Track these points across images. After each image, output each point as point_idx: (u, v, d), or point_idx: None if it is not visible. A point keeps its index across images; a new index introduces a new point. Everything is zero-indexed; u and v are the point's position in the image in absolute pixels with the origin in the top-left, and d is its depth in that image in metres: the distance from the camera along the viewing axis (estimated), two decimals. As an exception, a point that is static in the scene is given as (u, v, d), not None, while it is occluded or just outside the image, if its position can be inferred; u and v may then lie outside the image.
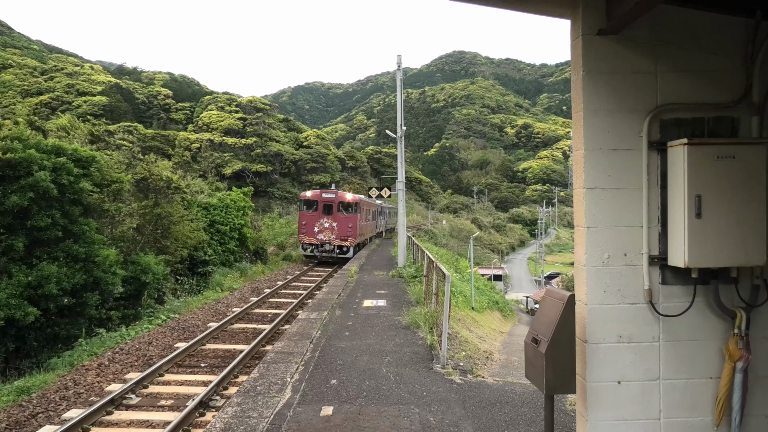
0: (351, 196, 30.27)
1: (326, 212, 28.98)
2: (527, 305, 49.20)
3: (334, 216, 28.92)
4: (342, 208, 29.23)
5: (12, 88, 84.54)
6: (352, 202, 29.59)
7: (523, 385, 7.49)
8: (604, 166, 3.68)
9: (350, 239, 28.92)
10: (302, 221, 29.34)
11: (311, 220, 28.83)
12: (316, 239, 28.77)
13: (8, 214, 14.62)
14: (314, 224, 28.67)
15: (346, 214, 29.17)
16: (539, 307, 4.23)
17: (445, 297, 8.77)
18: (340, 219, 28.88)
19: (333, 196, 29.52)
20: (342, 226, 28.70)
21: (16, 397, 9.42)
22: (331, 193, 30.06)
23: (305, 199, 30.00)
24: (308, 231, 28.91)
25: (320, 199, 29.22)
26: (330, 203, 29.07)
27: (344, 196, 30.07)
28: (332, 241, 28.85)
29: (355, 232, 29.12)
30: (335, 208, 29.03)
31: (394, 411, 6.13)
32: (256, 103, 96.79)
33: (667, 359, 3.68)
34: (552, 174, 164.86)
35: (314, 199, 29.39)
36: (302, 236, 29.33)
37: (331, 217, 28.79)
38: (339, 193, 30.44)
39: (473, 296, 25.31)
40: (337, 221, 28.74)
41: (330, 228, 28.65)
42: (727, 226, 3.49)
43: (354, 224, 28.99)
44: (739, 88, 3.68)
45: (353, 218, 29.25)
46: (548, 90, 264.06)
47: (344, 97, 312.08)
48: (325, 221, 28.65)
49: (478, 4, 3.93)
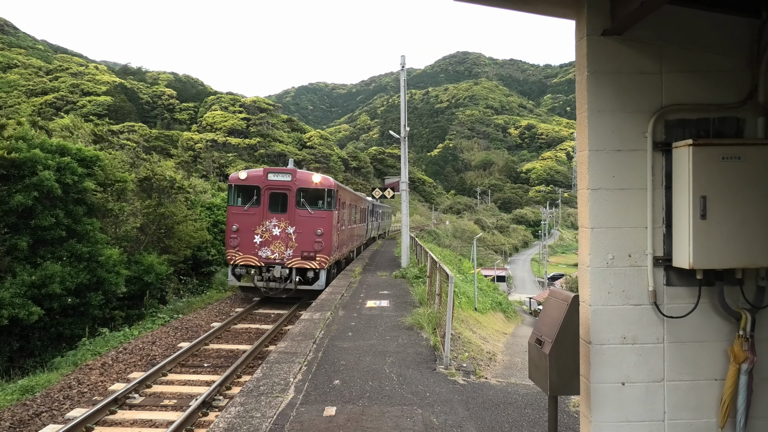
0: (320, 178, 17.65)
1: (276, 208, 17.03)
2: (530, 306, 49.12)
3: (291, 215, 16.89)
4: (305, 201, 17.15)
5: (17, 87, 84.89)
6: (324, 189, 17.35)
7: (527, 386, 7.47)
8: (608, 167, 3.67)
9: (320, 256, 16.88)
10: (231, 224, 16.84)
11: (248, 222, 16.79)
12: (256, 258, 16.74)
13: (12, 213, 14.67)
14: (253, 230, 16.74)
15: (313, 211, 17.10)
16: (543, 308, 4.22)
17: (448, 298, 8.75)
18: (303, 220, 16.90)
19: (288, 178, 17.06)
20: (305, 233, 16.84)
21: (20, 396, 9.45)
22: (284, 173, 17.31)
23: (237, 185, 17.27)
24: (243, 243, 16.74)
25: (264, 185, 16.91)
26: (283, 191, 17.00)
27: (309, 178, 17.48)
28: (287, 261, 16.72)
29: (328, 243, 17.13)
30: (292, 201, 16.96)
31: (397, 412, 6.12)
32: (260, 103, 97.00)
33: (672, 360, 3.67)
34: (555, 175, 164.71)
35: (253, 185, 17.01)
36: (232, 252, 16.79)
37: (285, 218, 16.84)
38: (299, 173, 17.62)
39: (476, 297, 25.26)
40: (297, 224, 16.83)
41: (283, 237, 16.77)
42: (733, 227, 3.48)
43: (327, 229, 17.15)
44: (744, 88, 3.67)
45: (325, 218, 17.24)
46: (552, 91, 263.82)
47: (348, 98, 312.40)
48: (274, 225, 16.79)
49: (482, 4, 3.92)
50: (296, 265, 16.79)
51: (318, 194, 17.37)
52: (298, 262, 16.79)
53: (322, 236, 16.84)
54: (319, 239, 16.80)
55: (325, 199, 17.28)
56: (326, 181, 17.59)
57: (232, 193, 17.36)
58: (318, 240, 16.78)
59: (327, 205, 17.28)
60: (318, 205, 17.31)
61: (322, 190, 17.31)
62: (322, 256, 16.91)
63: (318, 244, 16.78)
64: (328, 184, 17.48)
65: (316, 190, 17.30)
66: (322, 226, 16.98)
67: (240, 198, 17.22)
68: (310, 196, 17.29)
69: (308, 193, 17.25)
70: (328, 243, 17.05)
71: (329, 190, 17.37)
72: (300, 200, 17.05)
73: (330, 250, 17.24)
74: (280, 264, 16.71)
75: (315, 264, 16.84)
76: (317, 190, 17.32)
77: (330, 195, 17.34)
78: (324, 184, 17.39)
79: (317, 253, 16.82)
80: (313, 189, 17.26)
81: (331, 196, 17.38)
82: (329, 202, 17.32)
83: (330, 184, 17.52)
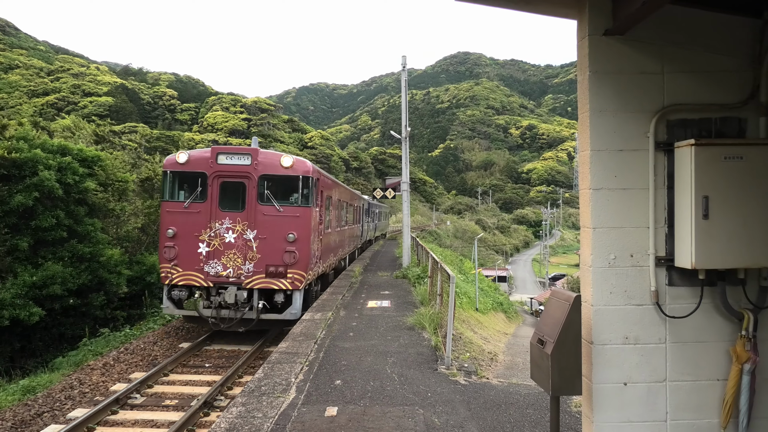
0: (293, 160, 12.73)
1: (229, 204, 12.48)
2: (531, 307, 49.10)
3: (252, 213, 12.27)
4: (272, 193, 12.35)
5: (18, 88, 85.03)
6: (297, 177, 12.57)
7: (528, 386, 7.47)
8: (610, 167, 3.67)
9: (294, 271, 12.22)
10: (166, 228, 12.28)
11: (189, 225, 12.21)
12: (201, 275, 12.10)
13: (13, 213, 14.69)
14: (197, 236, 12.16)
15: (283, 207, 12.37)
16: (545, 308, 4.21)
17: (449, 298, 8.75)
18: (268, 221, 12.29)
19: (247, 161, 12.37)
20: (271, 240, 12.23)
21: (22, 396, 9.47)
22: (241, 154, 12.57)
23: (174, 172, 12.56)
24: (182, 254, 12.13)
25: (213, 171, 12.30)
26: (240, 179, 12.39)
27: (276, 161, 12.63)
28: (246, 280, 12.11)
29: (305, 253, 12.46)
30: (253, 193, 12.31)
31: (398, 412, 6.12)
32: (261, 103, 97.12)
33: (674, 361, 3.66)
34: (557, 175, 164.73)
35: (197, 172, 12.38)
36: (166, 267, 12.20)
37: (242, 217, 12.28)
38: (263, 154, 12.73)
39: (477, 297, 25.26)
40: (260, 226, 12.25)
41: (240, 245, 12.20)
42: (735, 227, 3.48)
43: (303, 232, 12.47)
44: (746, 88, 3.66)
45: (301, 218, 12.51)
46: (553, 91, 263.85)
47: (348, 98, 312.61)
48: (228, 228, 12.23)
49: (483, 4, 3.92)
50: (259, 285, 11.93)
51: (290, 184, 12.49)
52: (261, 281, 11.96)
53: (296, 243, 12.05)
54: (291, 248, 12.02)
55: (301, 190, 12.39)
56: (301, 165, 12.62)
57: (167, 182, 12.34)
58: (290, 249, 12.01)
59: (303, 199, 12.40)
60: (290, 199, 12.46)
61: (295, 177, 12.36)
62: (296, 271, 12.06)
63: (290, 255, 11.98)
64: (303, 169, 12.53)
65: (287, 177, 12.37)
66: (297, 228, 12.15)
67: (178, 190, 12.47)
68: (278, 186, 12.47)
69: (276, 181, 12.37)
70: (304, 252, 12.24)
71: (306, 177, 12.45)
72: (264, 192, 12.15)
73: (308, 261, 12.38)
74: (236, 284, 11.93)
75: (286, 283, 11.96)
76: (289, 178, 12.39)
77: (307, 185, 12.49)
78: (298, 168, 12.44)
79: (289, 267, 12.00)
80: (282, 176, 12.35)
81: (309, 187, 12.52)
82: (306, 194, 12.46)
83: (306, 169, 12.61)
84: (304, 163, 12.99)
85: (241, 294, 11.96)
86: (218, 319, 11.97)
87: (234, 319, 11.95)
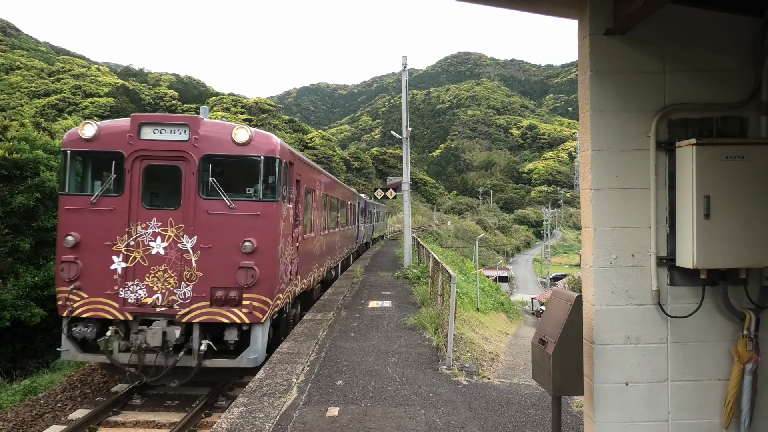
0: (248, 133, 8.63)
1: (157, 198, 9.23)
2: (532, 307, 49.08)
3: (190, 211, 8.53)
4: (219, 182, 8.54)
5: (20, 89, 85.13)
6: (258, 159, 8.68)
7: (530, 386, 7.47)
8: (611, 167, 3.67)
9: (252, 297, 8.37)
10: (65, 232, 8.55)
11: (98, 229, 8.52)
12: (115, 303, 8.40)
13: (15, 214, 14.69)
14: (110, 246, 8.48)
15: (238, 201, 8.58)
16: (546, 308, 4.21)
17: (450, 298, 8.75)
18: (214, 222, 8.50)
19: (184, 136, 8.58)
20: (219, 250, 8.44)
21: (23, 397, 9.49)
22: (175, 125, 8.65)
23: (77, 152, 8.78)
24: (87, 272, 8.45)
25: (134, 150, 8.59)
26: (172, 161, 8.66)
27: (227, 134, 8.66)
28: (181, 310, 8.34)
29: (271, 269, 8.65)
30: (191, 182, 8.56)
31: (400, 412, 6.12)
32: (262, 104, 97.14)
33: (676, 361, 3.66)
34: (557, 175, 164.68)
35: (111, 151, 8.63)
36: (64, 291, 8.43)
37: (176, 217, 8.54)
38: (207, 125, 8.80)
39: (478, 297, 25.26)
40: (202, 230, 8.49)
41: (173, 259, 8.48)
42: (736, 226, 3.47)
43: (268, 239, 8.62)
44: (747, 87, 3.66)
45: (264, 217, 8.64)
46: (554, 91, 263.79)
47: (349, 98, 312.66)
48: (155, 233, 8.52)
49: (484, 4, 3.92)
50: (201, 318, 8.30)
51: (248, 168, 8.85)
52: (204, 312, 8.31)
53: (256, 255, 8.38)
54: (248, 261, 8.33)
55: (263, 177, 8.62)
56: (264, 141, 8.79)
57: (66, 168, 8.76)
58: (246, 263, 8.33)
59: (267, 191, 8.67)
60: (249, 191, 8.82)
61: (254, 159, 8.63)
62: (256, 296, 8.37)
63: (247, 273, 8.31)
64: (268, 147, 8.73)
65: (243, 159, 8.71)
66: (257, 233, 8.46)
67: (83, 178, 8.95)
68: (230, 171, 9.07)
69: (227, 165, 8.86)
70: (269, 267, 8.56)
71: (270, 159, 8.67)
72: (208, 181, 8.47)
73: (274, 280, 8.69)
74: (167, 316, 8.35)
75: (240, 314, 8.31)
76: (246, 160, 8.72)
77: (273, 170, 8.72)
78: (260, 145, 8.68)
79: (245, 290, 8.33)
80: (236, 157, 8.66)
81: (276, 173, 8.76)
82: (272, 184, 8.74)
83: (272, 147, 8.77)
84: (269, 139, 8.81)
85: (174, 331, 8.14)
86: (140, 368, 8.16)
87: (163, 368, 8.15)
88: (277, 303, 9.05)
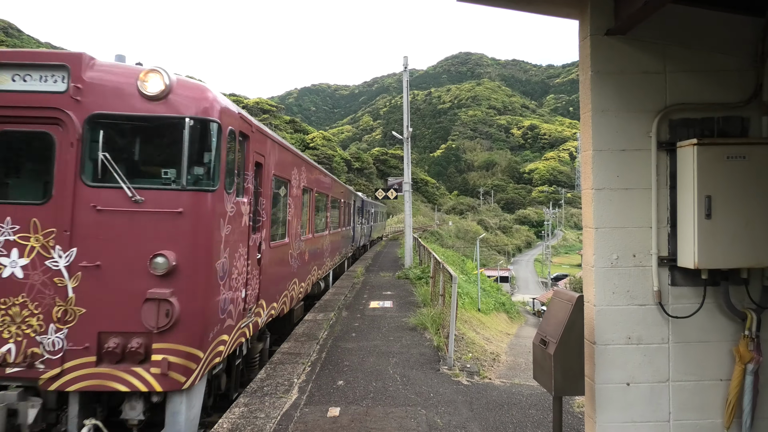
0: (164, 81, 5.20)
1: (9, 186, 5.40)
2: (534, 307, 49.07)
3: (65, 206, 5.11)
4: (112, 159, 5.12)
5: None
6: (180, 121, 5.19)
7: (531, 386, 7.46)
8: (612, 167, 3.67)
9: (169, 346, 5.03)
10: None
11: None
12: None
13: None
14: None
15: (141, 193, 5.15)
16: (547, 308, 4.21)
17: (452, 298, 8.75)
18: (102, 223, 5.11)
19: (60, 85, 5.19)
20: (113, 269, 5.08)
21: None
22: (45, 66, 5.19)
23: None
24: None
25: None
26: (39, 123, 5.21)
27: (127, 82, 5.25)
28: (49, 370, 4.93)
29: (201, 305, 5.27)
30: (67, 157, 5.15)
31: (401, 412, 6.11)
32: (263, 104, 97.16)
33: (677, 361, 3.66)
34: (558, 175, 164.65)
35: None
36: None
37: (42, 216, 5.11)
38: (97, 67, 5.37)
39: (479, 298, 25.26)
40: (84, 238, 5.09)
41: (35, 285, 5.06)
42: (738, 226, 3.47)
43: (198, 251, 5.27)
44: (748, 87, 3.66)
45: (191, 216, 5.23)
46: (555, 91, 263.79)
47: (350, 99, 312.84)
48: (5, 241, 5.07)
49: (485, 4, 3.92)
50: (82, 385, 5.03)
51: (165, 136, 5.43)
52: (86, 374, 5.05)
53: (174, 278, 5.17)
54: (161, 289, 5.11)
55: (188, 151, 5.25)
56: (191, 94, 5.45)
57: None
58: (158, 292, 5.08)
59: (199, 176, 5.42)
60: (165, 175, 5.37)
61: (175, 121, 5.29)
62: (175, 347, 5.15)
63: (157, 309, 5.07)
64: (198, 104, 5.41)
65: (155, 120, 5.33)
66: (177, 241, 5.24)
67: None
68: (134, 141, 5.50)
69: (127, 131, 5.43)
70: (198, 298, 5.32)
71: (201, 122, 5.39)
72: (96, 157, 5.23)
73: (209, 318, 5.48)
74: (22, 380, 5.08)
75: (147, 377, 5.06)
76: (160, 122, 5.34)
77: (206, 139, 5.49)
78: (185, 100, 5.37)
79: (156, 336, 5.09)
80: (144, 118, 5.32)
81: (216, 145, 5.55)
82: (207, 163, 5.48)
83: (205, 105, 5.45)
84: (202, 92, 5.56)
85: (30, 409, 5.05)
86: None
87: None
88: (218, 350, 5.76)
